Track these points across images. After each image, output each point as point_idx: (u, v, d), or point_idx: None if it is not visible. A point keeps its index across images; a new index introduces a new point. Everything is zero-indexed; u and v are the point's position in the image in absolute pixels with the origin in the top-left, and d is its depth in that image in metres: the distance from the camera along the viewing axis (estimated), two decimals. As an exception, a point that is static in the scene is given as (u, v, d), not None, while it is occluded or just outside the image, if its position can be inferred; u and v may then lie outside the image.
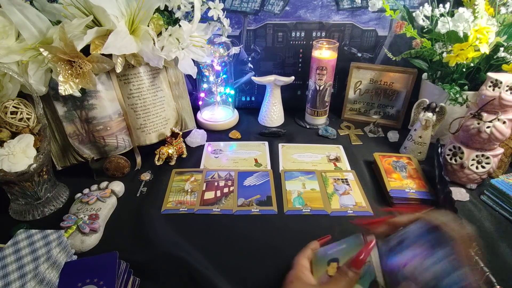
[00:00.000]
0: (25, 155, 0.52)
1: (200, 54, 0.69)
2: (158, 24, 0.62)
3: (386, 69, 0.86)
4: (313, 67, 0.83)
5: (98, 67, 0.58)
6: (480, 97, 0.60)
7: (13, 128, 0.53)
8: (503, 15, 0.67)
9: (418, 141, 0.74)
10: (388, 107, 0.91)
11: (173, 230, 0.56)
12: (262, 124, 0.92)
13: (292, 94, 0.98)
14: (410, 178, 0.66)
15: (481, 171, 0.63)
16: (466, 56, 0.62)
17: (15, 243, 0.44)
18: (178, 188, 0.66)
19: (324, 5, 0.84)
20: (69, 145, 0.65)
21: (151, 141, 0.74)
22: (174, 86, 0.75)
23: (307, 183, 0.68)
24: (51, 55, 0.54)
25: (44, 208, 0.59)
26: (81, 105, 0.63)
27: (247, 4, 0.84)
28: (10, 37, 0.56)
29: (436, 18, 0.69)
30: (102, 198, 0.60)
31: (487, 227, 0.56)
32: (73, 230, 0.53)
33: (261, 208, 0.61)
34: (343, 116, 0.95)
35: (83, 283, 0.40)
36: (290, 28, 0.87)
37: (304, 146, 0.81)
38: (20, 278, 0.39)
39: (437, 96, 0.75)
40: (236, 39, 0.88)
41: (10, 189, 0.56)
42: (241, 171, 0.71)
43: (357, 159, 0.76)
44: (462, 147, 0.64)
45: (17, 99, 0.54)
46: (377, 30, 0.87)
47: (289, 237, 0.55)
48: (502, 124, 0.58)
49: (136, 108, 0.69)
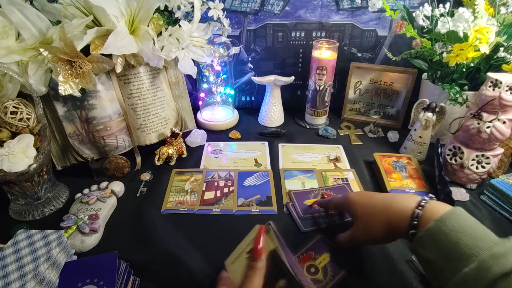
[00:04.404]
0: (25, 155, 0.52)
1: (200, 54, 0.69)
2: (158, 24, 0.62)
3: (386, 69, 0.86)
4: (313, 67, 0.83)
5: (98, 67, 0.58)
6: (480, 97, 0.60)
7: (13, 128, 0.53)
8: (503, 15, 0.67)
9: (418, 141, 0.74)
10: (388, 107, 0.91)
11: (173, 230, 0.56)
12: (262, 124, 0.92)
13: (292, 94, 0.98)
14: (410, 178, 0.66)
15: (481, 171, 0.63)
16: (466, 56, 0.62)
17: (15, 243, 0.44)
18: (178, 188, 0.66)
19: (324, 5, 0.84)
20: (69, 145, 0.65)
21: (151, 141, 0.74)
22: (174, 86, 0.75)
23: (307, 182, 0.68)
24: (51, 55, 0.54)
25: (44, 208, 0.59)
26: (81, 105, 0.63)
27: (247, 4, 0.84)
28: (10, 37, 0.56)
29: (436, 18, 0.69)
30: (102, 198, 0.60)
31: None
32: (73, 230, 0.53)
33: (261, 208, 0.61)
34: (343, 116, 0.95)
35: (83, 283, 0.40)
36: (290, 28, 0.87)
37: (304, 146, 0.81)
38: (20, 278, 0.39)
39: (437, 96, 0.75)
40: (236, 39, 0.88)
41: (10, 189, 0.56)
42: (241, 171, 0.71)
43: (357, 159, 0.76)
44: (462, 147, 0.64)
45: (17, 99, 0.54)
46: (377, 30, 0.87)
47: (289, 238, 0.55)
48: (502, 124, 0.58)
49: (136, 108, 0.69)
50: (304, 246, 0.52)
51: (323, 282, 0.46)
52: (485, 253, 0.32)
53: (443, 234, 0.35)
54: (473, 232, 0.35)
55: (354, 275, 0.48)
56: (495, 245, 0.33)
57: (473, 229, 0.35)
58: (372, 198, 0.46)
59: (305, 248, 0.51)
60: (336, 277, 0.47)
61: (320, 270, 0.48)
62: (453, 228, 0.35)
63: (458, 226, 0.35)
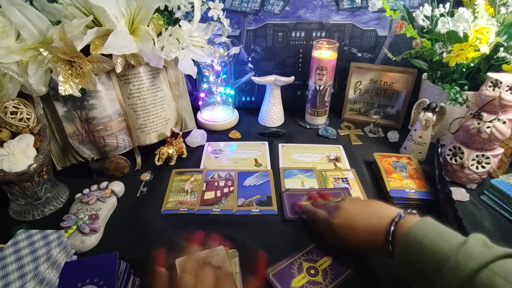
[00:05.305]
0: (25, 155, 0.52)
1: (200, 54, 0.69)
2: (158, 24, 0.62)
3: (386, 69, 0.86)
4: (313, 67, 0.83)
5: (98, 67, 0.58)
6: (480, 97, 0.60)
7: (13, 128, 0.53)
8: (503, 15, 0.67)
9: (418, 141, 0.74)
10: (388, 107, 0.91)
11: (173, 230, 0.56)
12: (262, 124, 0.92)
13: (292, 94, 0.98)
14: (410, 178, 0.66)
15: (481, 171, 0.63)
16: (466, 56, 0.62)
17: (15, 243, 0.44)
18: (178, 188, 0.66)
19: (324, 5, 0.84)
20: (69, 145, 0.65)
21: (151, 141, 0.74)
22: (174, 86, 0.75)
23: (306, 181, 0.68)
24: (51, 55, 0.54)
25: (44, 208, 0.59)
26: (81, 105, 0.63)
27: (247, 4, 0.84)
28: (10, 37, 0.56)
29: (436, 18, 0.69)
30: (102, 198, 0.60)
31: (487, 227, 0.56)
32: (73, 230, 0.53)
33: (261, 208, 0.61)
34: (343, 116, 0.95)
35: (83, 283, 0.40)
36: (290, 28, 0.87)
37: (304, 146, 0.81)
38: (20, 278, 0.39)
39: (437, 96, 0.75)
40: (236, 39, 0.88)
41: (10, 189, 0.56)
42: (241, 171, 0.71)
43: (357, 159, 0.76)
44: (462, 147, 0.64)
45: (17, 99, 0.54)
46: (377, 30, 0.87)
47: (289, 238, 0.55)
48: (502, 124, 0.58)
49: (136, 108, 0.69)
50: (306, 248, 0.52)
51: (322, 284, 0.46)
52: (443, 267, 0.33)
53: (409, 255, 0.37)
54: (432, 245, 0.35)
55: (354, 275, 0.48)
56: (451, 256, 0.33)
57: (432, 242, 0.36)
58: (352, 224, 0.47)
59: (307, 249, 0.52)
60: (336, 280, 0.47)
61: (320, 272, 0.48)
62: (414, 247, 0.37)
63: (418, 244, 0.36)
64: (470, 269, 0.31)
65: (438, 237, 0.36)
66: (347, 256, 0.50)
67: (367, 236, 0.44)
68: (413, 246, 0.36)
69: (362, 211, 0.47)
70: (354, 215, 0.47)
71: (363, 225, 0.45)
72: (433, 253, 0.35)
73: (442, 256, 0.34)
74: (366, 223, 0.44)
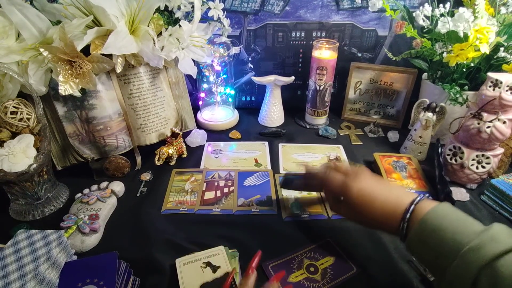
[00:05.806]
0: (25, 155, 0.52)
1: (200, 54, 0.69)
2: (158, 24, 0.62)
3: (386, 69, 0.86)
4: (313, 67, 0.83)
5: (98, 67, 0.58)
6: (480, 97, 0.60)
7: (13, 128, 0.53)
8: (503, 15, 0.67)
9: (418, 141, 0.74)
10: (388, 107, 0.91)
11: (173, 230, 0.56)
12: (262, 124, 0.92)
13: (292, 94, 0.98)
14: (410, 178, 0.66)
15: (481, 171, 0.63)
16: (466, 56, 0.62)
17: (15, 243, 0.44)
18: (178, 188, 0.66)
19: (324, 5, 0.84)
20: (69, 145, 0.65)
21: (151, 141, 0.74)
22: (174, 86, 0.75)
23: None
24: (51, 55, 0.54)
25: (44, 208, 0.59)
26: (81, 105, 0.63)
27: (247, 4, 0.84)
28: (10, 37, 0.56)
29: (436, 18, 0.68)
30: (102, 198, 0.60)
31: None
32: (73, 230, 0.53)
33: (261, 208, 0.61)
34: (343, 116, 0.95)
35: (83, 283, 0.40)
36: (290, 28, 0.87)
37: (304, 146, 0.81)
38: (20, 278, 0.39)
39: (437, 96, 0.75)
40: (236, 39, 0.88)
41: (10, 189, 0.56)
42: (241, 171, 0.71)
43: (357, 159, 0.76)
44: (462, 147, 0.64)
45: (17, 99, 0.54)
46: (377, 30, 0.87)
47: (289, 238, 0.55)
48: (502, 124, 0.58)
49: (136, 108, 0.69)
50: (309, 246, 0.52)
51: (320, 283, 0.46)
52: (464, 247, 0.33)
53: (427, 235, 0.37)
54: (454, 227, 0.35)
55: (353, 278, 0.48)
56: (474, 238, 0.33)
57: (453, 224, 0.36)
58: (371, 193, 0.44)
59: (310, 247, 0.52)
60: (334, 281, 0.47)
61: (319, 271, 0.48)
62: (435, 227, 0.36)
63: (439, 224, 0.36)
64: (495, 251, 0.31)
65: (460, 221, 0.36)
66: (350, 259, 0.50)
67: (384, 211, 0.42)
68: (433, 225, 0.36)
69: (385, 186, 0.45)
70: (376, 187, 0.44)
71: (382, 200, 0.43)
72: (454, 234, 0.35)
73: (463, 237, 0.34)
74: (385, 198, 0.43)
